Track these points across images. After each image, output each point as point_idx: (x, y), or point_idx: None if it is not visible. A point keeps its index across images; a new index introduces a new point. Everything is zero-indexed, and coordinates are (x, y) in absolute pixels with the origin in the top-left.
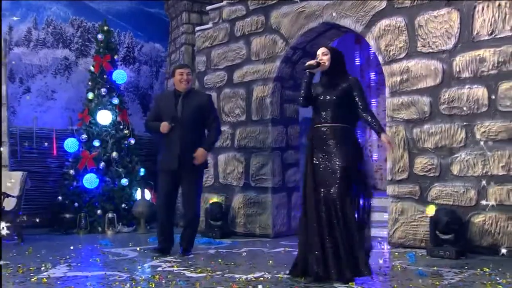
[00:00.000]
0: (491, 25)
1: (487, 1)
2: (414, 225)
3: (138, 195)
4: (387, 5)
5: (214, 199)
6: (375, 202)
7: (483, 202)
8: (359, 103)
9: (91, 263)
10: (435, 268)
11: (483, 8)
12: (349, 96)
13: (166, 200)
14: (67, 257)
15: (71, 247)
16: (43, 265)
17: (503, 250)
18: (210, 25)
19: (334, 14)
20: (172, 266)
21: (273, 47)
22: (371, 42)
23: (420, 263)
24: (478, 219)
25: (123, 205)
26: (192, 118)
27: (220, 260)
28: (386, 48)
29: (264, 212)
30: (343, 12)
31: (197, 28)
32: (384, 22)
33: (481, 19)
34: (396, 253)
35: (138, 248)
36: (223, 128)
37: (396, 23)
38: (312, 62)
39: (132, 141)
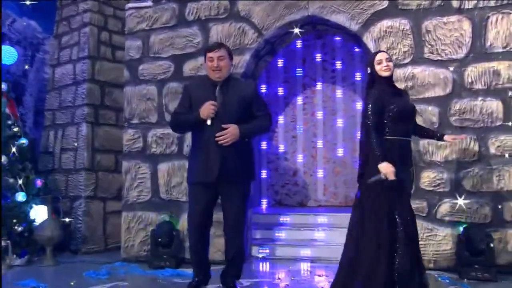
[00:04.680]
0: (505, 37)
1: (501, 13)
2: (421, 244)
3: (35, 214)
4: (388, 5)
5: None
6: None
7: None
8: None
9: None
10: None
11: (496, 20)
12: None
13: (200, 221)
14: None
15: None
16: None
17: None
18: (148, 3)
19: (323, 7)
20: None
21: (242, 37)
22: (370, 44)
23: None
24: (495, 236)
25: (19, 229)
26: (234, 115)
27: None
28: (387, 52)
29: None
30: (334, 7)
31: (129, 5)
32: (385, 23)
33: (495, 31)
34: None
35: None
36: (168, 130)
37: (399, 25)
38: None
39: (24, 142)
